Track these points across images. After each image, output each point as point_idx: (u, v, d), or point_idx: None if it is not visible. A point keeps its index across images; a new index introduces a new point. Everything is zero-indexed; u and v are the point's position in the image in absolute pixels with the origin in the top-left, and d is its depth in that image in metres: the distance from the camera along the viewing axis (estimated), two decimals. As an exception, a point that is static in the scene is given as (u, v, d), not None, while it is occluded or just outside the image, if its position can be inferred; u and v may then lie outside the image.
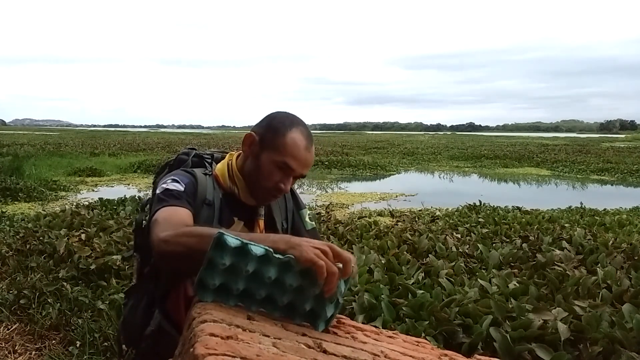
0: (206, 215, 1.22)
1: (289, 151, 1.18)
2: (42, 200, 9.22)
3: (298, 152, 1.18)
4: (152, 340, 1.27)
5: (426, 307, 2.34)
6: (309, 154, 1.21)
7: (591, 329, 2.08)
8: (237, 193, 1.27)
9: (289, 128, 1.19)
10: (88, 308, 3.04)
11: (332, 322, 0.90)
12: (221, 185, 1.28)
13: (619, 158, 22.47)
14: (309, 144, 1.21)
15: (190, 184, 1.22)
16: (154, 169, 14.50)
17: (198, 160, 1.36)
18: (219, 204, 1.25)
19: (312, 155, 1.23)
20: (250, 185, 1.26)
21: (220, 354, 0.64)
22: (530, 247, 4.00)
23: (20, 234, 4.46)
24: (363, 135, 76.16)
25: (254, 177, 1.24)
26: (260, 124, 1.26)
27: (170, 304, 1.26)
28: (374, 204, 9.92)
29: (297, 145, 1.18)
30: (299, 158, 1.19)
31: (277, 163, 1.19)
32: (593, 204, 8.47)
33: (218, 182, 1.29)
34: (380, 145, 32.25)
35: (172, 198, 1.15)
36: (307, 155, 1.20)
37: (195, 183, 1.24)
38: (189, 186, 1.21)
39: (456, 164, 21.39)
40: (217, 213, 1.24)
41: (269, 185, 1.21)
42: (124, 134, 53.46)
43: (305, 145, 1.20)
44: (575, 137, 79.69)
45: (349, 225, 5.25)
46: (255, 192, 1.25)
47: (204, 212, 1.22)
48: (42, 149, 21.09)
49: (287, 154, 1.18)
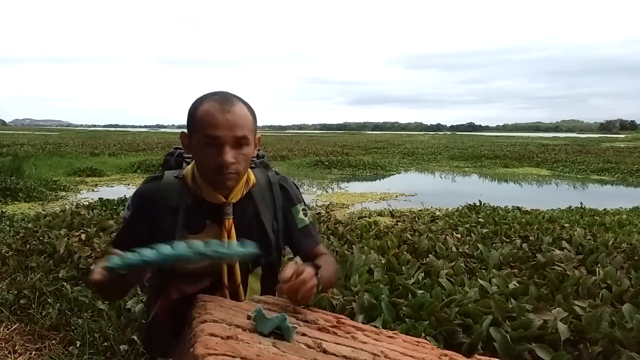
0: (169, 222, 1.21)
1: (204, 123, 1.13)
2: (42, 200, 9.22)
3: (213, 118, 1.12)
4: (149, 330, 1.34)
5: (426, 307, 2.34)
6: (228, 114, 1.12)
7: (591, 329, 2.08)
8: (200, 192, 1.22)
9: (199, 104, 1.16)
10: (88, 308, 3.04)
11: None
12: (189, 187, 1.24)
13: (619, 158, 22.47)
14: (226, 106, 1.13)
15: (144, 203, 1.24)
16: (154, 169, 14.52)
17: (180, 160, 1.35)
18: (184, 208, 1.22)
19: (235, 114, 1.13)
20: (202, 177, 1.21)
21: (220, 354, 0.64)
22: (530, 247, 4.00)
23: (20, 234, 4.46)
24: (363, 135, 76.16)
25: (199, 167, 1.21)
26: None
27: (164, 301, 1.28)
28: (374, 204, 9.92)
29: (209, 113, 1.13)
30: (217, 123, 1.12)
31: (203, 140, 1.13)
32: (593, 204, 8.47)
33: (186, 184, 1.25)
34: (380, 145, 32.25)
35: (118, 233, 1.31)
36: (227, 117, 1.12)
37: (153, 195, 1.24)
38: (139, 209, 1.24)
39: (456, 164, 21.39)
40: (183, 219, 1.21)
41: (210, 165, 1.15)
42: (124, 134, 53.48)
43: (220, 108, 1.13)
44: (575, 137, 79.68)
45: (349, 225, 5.25)
46: (208, 180, 1.20)
47: (167, 220, 1.21)
48: (42, 149, 21.09)
49: (204, 126, 1.13)
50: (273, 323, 0.79)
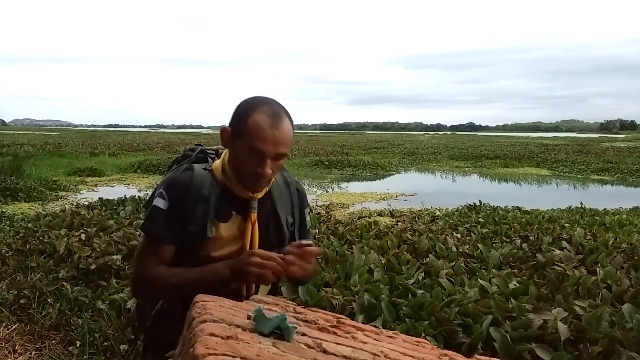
0: (202, 210, 1.26)
1: (253, 134, 1.17)
2: (42, 200, 9.23)
3: (263, 132, 1.17)
4: (155, 321, 1.36)
5: (426, 307, 2.34)
6: (277, 131, 1.18)
7: (591, 329, 2.08)
8: (229, 185, 1.29)
9: (251, 111, 1.19)
10: (88, 308, 3.04)
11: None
12: (217, 179, 1.31)
13: (619, 158, 22.48)
14: (275, 122, 1.19)
15: (178, 192, 1.26)
16: (154, 169, 14.54)
17: (202, 155, 1.40)
18: (215, 199, 1.28)
19: (282, 132, 1.19)
20: (236, 176, 1.28)
21: (220, 354, 0.64)
22: (530, 247, 4.00)
23: (20, 234, 4.47)
24: (363, 135, 76.13)
25: (235, 167, 1.27)
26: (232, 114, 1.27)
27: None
28: (374, 204, 9.92)
29: (260, 126, 1.17)
30: (266, 138, 1.17)
31: (248, 149, 1.19)
32: (593, 204, 8.47)
33: (215, 177, 1.31)
34: (380, 145, 32.25)
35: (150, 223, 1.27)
36: (275, 134, 1.18)
37: (188, 184, 1.28)
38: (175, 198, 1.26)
39: (456, 164, 21.39)
40: (214, 208, 1.27)
41: (249, 171, 1.23)
42: (124, 134, 53.48)
43: (270, 123, 1.18)
44: (575, 137, 79.67)
45: (349, 225, 5.25)
46: (241, 181, 1.27)
47: (199, 208, 1.26)
48: (42, 149, 21.10)
49: (252, 137, 1.18)
50: (273, 323, 0.79)
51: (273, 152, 1.20)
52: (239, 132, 1.20)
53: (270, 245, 1.33)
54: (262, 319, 0.79)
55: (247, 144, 1.19)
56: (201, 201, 1.26)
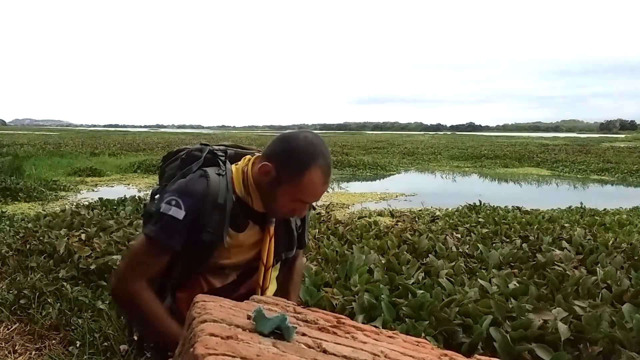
0: (217, 219, 1.21)
1: (305, 191, 1.17)
2: (42, 200, 9.22)
3: (315, 189, 1.18)
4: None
5: (426, 307, 2.34)
6: (325, 186, 1.20)
7: (591, 329, 2.08)
8: (251, 202, 1.26)
9: (307, 166, 1.15)
10: (88, 308, 3.04)
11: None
12: (235, 189, 1.26)
13: (619, 158, 22.47)
14: (327, 178, 1.19)
15: (195, 201, 1.20)
16: (154, 169, 14.50)
17: (212, 157, 1.32)
18: (231, 206, 1.23)
19: (327, 186, 1.22)
20: (265, 205, 1.26)
21: (220, 354, 0.64)
22: (530, 247, 4.00)
23: (20, 234, 4.47)
24: (363, 135, 76.12)
25: (269, 202, 1.25)
26: (275, 150, 1.20)
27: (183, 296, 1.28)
28: (374, 204, 9.92)
29: (314, 184, 1.17)
30: (316, 195, 1.21)
31: (295, 198, 1.20)
32: (593, 204, 8.47)
33: (232, 185, 1.26)
34: (380, 145, 32.23)
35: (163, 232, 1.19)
36: (323, 189, 1.20)
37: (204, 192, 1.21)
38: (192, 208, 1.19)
39: (456, 164, 21.39)
40: (229, 217, 1.23)
41: (284, 211, 1.24)
42: (124, 134, 53.46)
43: (323, 181, 1.18)
44: (575, 137, 79.65)
45: (349, 225, 5.25)
46: (270, 211, 1.27)
47: (214, 216, 1.21)
48: (42, 149, 21.09)
49: (304, 193, 1.18)
50: (273, 323, 0.78)
51: (314, 201, 1.25)
52: (289, 180, 1.17)
53: (281, 249, 1.35)
54: (262, 319, 0.79)
55: (296, 196, 1.18)
56: (216, 209, 1.22)
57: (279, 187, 1.19)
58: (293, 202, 1.20)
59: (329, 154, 1.21)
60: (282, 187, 1.19)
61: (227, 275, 1.29)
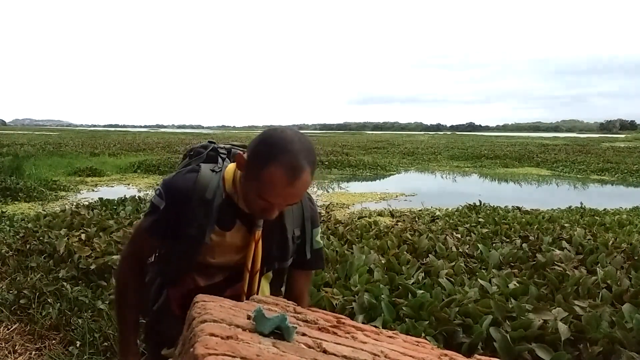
0: (202, 215, 1.21)
1: (266, 188, 1.08)
2: (42, 200, 9.22)
3: (275, 189, 1.07)
4: (155, 317, 1.37)
5: (426, 307, 2.34)
6: (292, 188, 1.07)
7: (591, 329, 2.08)
8: (237, 201, 1.24)
9: (269, 159, 1.06)
10: (88, 308, 3.04)
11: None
12: (225, 187, 1.25)
13: (619, 158, 22.49)
14: (292, 178, 1.06)
15: (177, 195, 1.22)
16: (154, 169, 14.51)
17: (214, 154, 1.35)
18: (219, 203, 1.22)
19: (296, 188, 1.08)
20: (244, 202, 1.22)
21: (220, 354, 0.64)
22: (530, 247, 4.00)
23: (20, 234, 4.47)
24: (363, 135, 76.16)
25: (244, 197, 1.20)
26: (251, 143, 1.15)
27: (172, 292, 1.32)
28: (374, 204, 9.92)
29: (273, 183, 1.06)
30: (278, 194, 1.08)
31: (258, 195, 1.11)
32: (593, 204, 8.48)
33: (224, 182, 1.25)
34: (380, 145, 32.25)
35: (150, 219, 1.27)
36: (289, 191, 1.08)
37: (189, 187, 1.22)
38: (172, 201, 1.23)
39: (456, 164, 21.40)
40: (216, 213, 1.21)
41: (256, 210, 1.17)
42: (124, 134, 53.49)
43: (286, 180, 1.06)
44: (575, 137, 79.67)
45: (349, 225, 5.26)
46: (249, 209, 1.21)
47: (200, 212, 1.21)
48: (42, 149, 21.09)
49: (264, 190, 1.09)
50: (273, 323, 0.79)
51: (283, 204, 1.14)
52: (252, 175, 1.11)
53: (272, 258, 1.29)
54: (262, 319, 0.79)
55: (259, 193, 1.10)
56: (203, 205, 1.21)
57: (246, 181, 1.15)
58: (260, 199, 1.11)
59: (306, 154, 1.08)
60: (247, 180, 1.14)
61: (213, 275, 1.27)
